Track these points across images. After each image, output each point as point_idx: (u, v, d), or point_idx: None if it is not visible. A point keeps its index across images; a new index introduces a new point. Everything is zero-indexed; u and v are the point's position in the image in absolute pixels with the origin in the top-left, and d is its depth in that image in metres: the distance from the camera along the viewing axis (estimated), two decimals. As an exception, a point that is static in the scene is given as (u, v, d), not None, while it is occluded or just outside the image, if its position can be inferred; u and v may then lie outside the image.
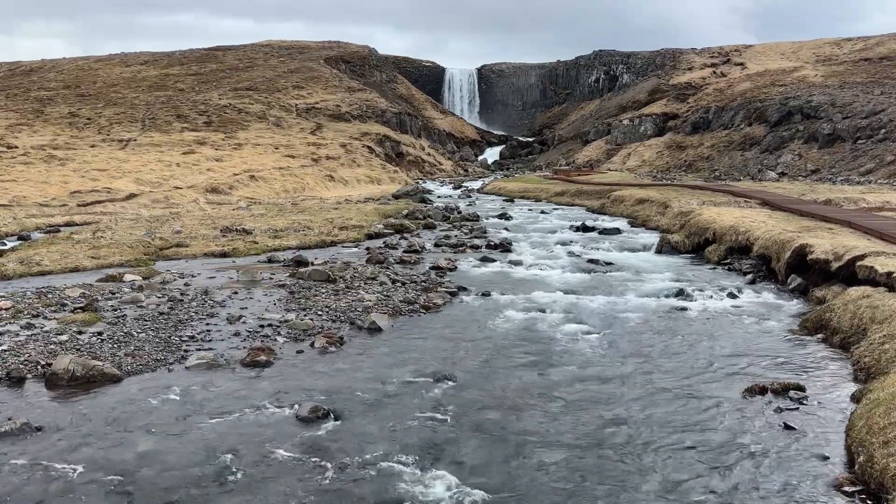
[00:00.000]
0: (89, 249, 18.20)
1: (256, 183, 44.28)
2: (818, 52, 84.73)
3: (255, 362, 9.60)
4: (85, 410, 7.96)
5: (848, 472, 6.58)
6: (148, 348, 10.06)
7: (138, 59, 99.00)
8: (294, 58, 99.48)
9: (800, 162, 53.31)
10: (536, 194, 43.90)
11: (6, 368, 8.97)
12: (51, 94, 75.78)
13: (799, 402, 8.35)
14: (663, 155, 68.63)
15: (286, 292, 13.88)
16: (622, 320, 12.31)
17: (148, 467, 6.64)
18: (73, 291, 13.27)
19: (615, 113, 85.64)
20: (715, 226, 19.76)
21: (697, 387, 8.96)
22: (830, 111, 55.89)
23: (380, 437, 7.34)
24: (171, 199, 35.50)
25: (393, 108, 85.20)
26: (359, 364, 9.76)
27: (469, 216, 30.18)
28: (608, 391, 8.79)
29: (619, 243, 21.93)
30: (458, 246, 21.05)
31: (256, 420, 7.78)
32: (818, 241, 14.80)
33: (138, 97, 75.48)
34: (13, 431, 7.26)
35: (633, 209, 30.12)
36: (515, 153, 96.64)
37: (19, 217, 26.65)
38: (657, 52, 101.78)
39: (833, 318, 11.21)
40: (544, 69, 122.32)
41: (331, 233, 22.96)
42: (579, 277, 16.30)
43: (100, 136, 58.14)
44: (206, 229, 22.87)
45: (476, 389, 8.82)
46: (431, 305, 13.16)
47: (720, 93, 74.97)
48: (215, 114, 70.10)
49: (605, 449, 7.15)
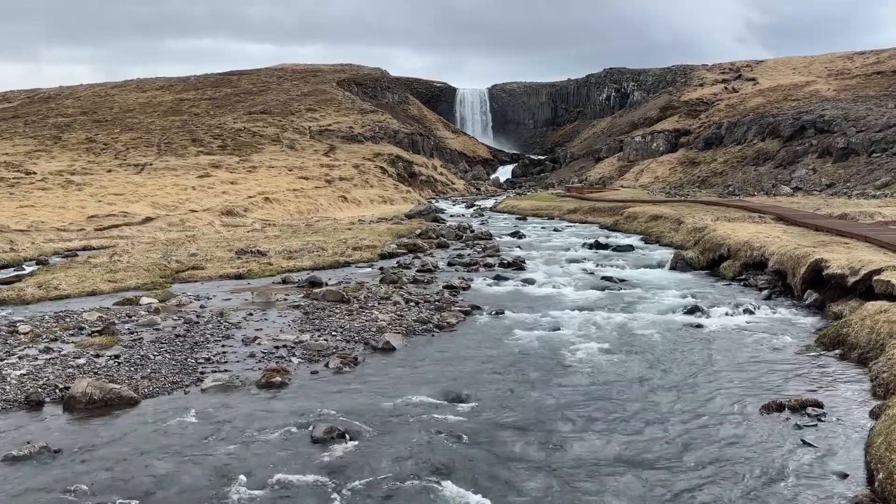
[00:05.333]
0: (106, 273, 18.39)
1: (271, 205, 44.62)
2: (830, 66, 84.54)
3: (270, 383, 9.64)
4: (102, 433, 8.03)
5: (867, 490, 6.49)
6: (164, 371, 10.14)
7: (154, 85, 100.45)
8: (307, 81, 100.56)
9: (814, 176, 53.01)
10: (549, 212, 43.91)
11: (25, 392, 9.07)
12: (68, 121, 76.95)
13: (817, 418, 8.27)
14: (676, 171, 68.51)
15: (301, 313, 13.94)
16: (637, 338, 12.25)
17: (164, 490, 6.67)
18: (91, 315, 13.40)
19: (627, 130, 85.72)
20: (729, 241, 19.67)
21: (714, 404, 8.89)
22: (844, 125, 55.64)
23: (394, 458, 7.34)
24: (186, 222, 35.83)
25: (405, 129, 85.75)
26: (373, 384, 9.78)
27: (482, 235, 30.22)
28: (623, 409, 8.75)
29: (633, 260, 21.87)
30: (472, 265, 21.07)
31: (271, 441, 7.80)
32: (834, 256, 14.70)
33: (154, 122, 76.48)
34: (32, 455, 7.33)
35: (646, 226, 30.04)
36: (527, 171, 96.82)
37: (38, 242, 26.99)
38: (668, 68, 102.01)
39: (850, 333, 11.11)
40: (555, 88, 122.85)
41: (344, 253, 23.07)
42: (593, 295, 16.26)
43: (116, 161, 58.88)
44: (221, 251, 23.06)
45: (491, 409, 8.80)
46: (445, 325, 13.17)
47: (732, 108, 74.91)
48: (230, 137, 70.86)
49: (621, 467, 7.11)
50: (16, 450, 7.39)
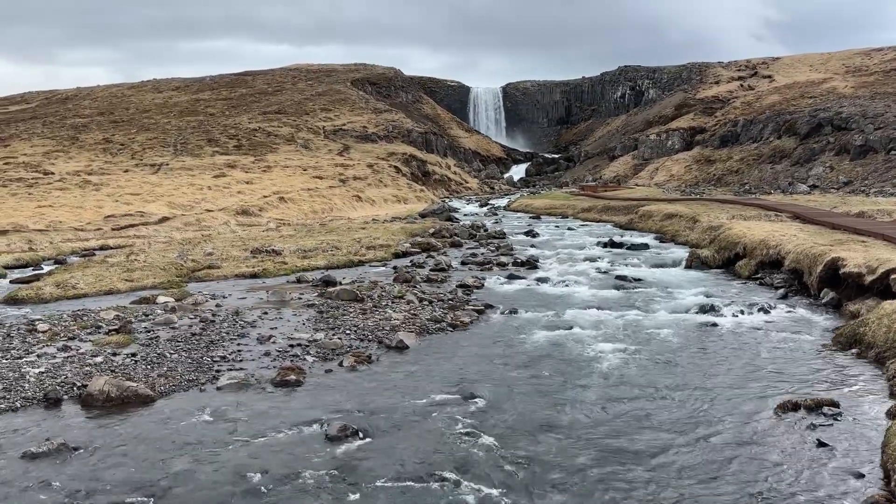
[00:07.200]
0: (123, 272, 18.57)
1: (285, 204, 44.85)
2: (848, 62, 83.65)
3: (284, 382, 9.71)
4: (119, 431, 8.12)
5: (883, 490, 6.44)
6: (180, 369, 10.23)
7: (170, 86, 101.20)
8: (321, 81, 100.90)
9: (831, 174, 52.51)
10: (563, 211, 43.81)
11: (44, 390, 9.20)
12: (85, 121, 77.67)
13: (833, 418, 8.21)
14: (691, 169, 68.10)
15: (315, 312, 14.02)
16: (652, 337, 12.22)
17: (180, 487, 6.74)
18: (108, 314, 13.55)
19: (642, 128, 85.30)
20: (745, 240, 19.54)
21: (729, 403, 8.85)
22: (862, 122, 55.06)
23: (408, 456, 7.37)
24: (202, 222, 36.09)
25: (419, 128, 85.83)
26: (387, 383, 9.82)
27: (495, 234, 30.21)
28: (638, 408, 8.73)
29: (648, 259, 21.78)
30: (485, 264, 21.07)
31: (286, 439, 7.86)
32: (851, 255, 14.57)
33: (170, 122, 77.03)
34: (51, 451, 7.43)
35: (661, 224, 29.90)
36: (541, 170, 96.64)
37: (56, 241, 27.30)
38: (683, 66, 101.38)
39: (867, 332, 11.01)
40: (569, 86, 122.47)
41: (358, 252, 23.15)
42: (607, 294, 16.22)
43: (133, 161, 59.37)
44: (236, 251, 23.21)
45: (504, 408, 8.81)
46: (459, 323, 13.19)
47: (748, 106, 74.34)
48: (245, 137, 71.25)
49: (635, 466, 7.10)
50: (35, 446, 7.50)
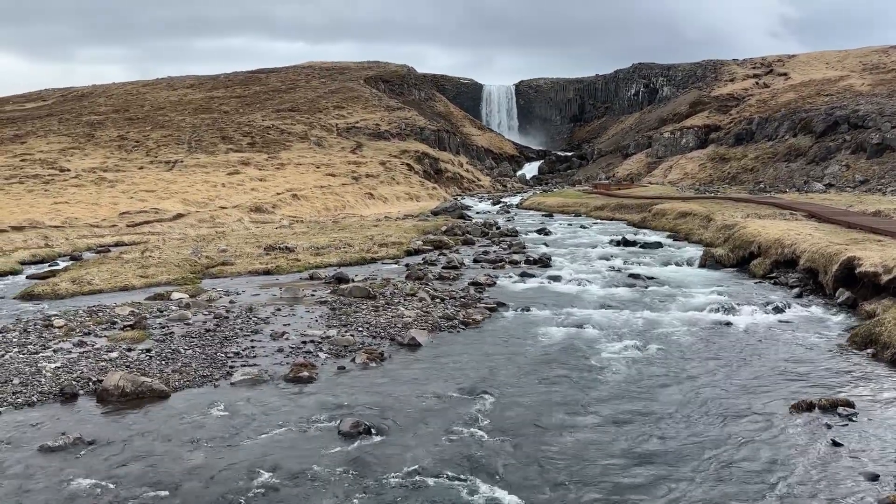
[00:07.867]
0: (138, 269, 18.71)
1: (298, 202, 45.00)
2: (864, 60, 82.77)
3: (297, 378, 9.76)
4: (134, 425, 8.19)
5: (899, 491, 6.39)
6: (194, 365, 10.31)
7: (184, 83, 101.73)
8: (335, 78, 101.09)
9: (847, 173, 52.03)
10: (576, 209, 43.65)
11: (60, 384, 9.29)
12: (101, 119, 78.25)
13: (848, 418, 8.15)
14: (706, 167, 67.66)
15: (328, 309, 14.07)
16: (665, 335, 12.17)
17: (194, 481, 6.80)
18: (123, 310, 13.66)
19: (655, 126, 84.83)
20: (760, 239, 19.41)
21: (743, 403, 8.81)
22: (879, 120, 54.51)
23: (420, 453, 7.39)
24: (216, 219, 36.29)
25: (431, 126, 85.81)
26: (399, 380, 9.85)
27: (508, 231, 30.16)
28: (651, 407, 8.70)
29: (661, 257, 21.68)
30: (497, 261, 21.05)
31: (299, 435, 7.90)
32: (867, 254, 14.44)
33: (184, 120, 77.46)
34: (67, 445, 7.52)
35: (675, 223, 29.74)
36: (554, 168, 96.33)
37: (71, 238, 27.54)
38: (698, 63, 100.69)
39: (883, 332, 10.92)
40: (582, 83, 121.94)
41: (371, 250, 23.20)
42: (620, 292, 16.17)
43: (148, 158, 59.76)
44: (250, 248, 23.33)
45: (515, 405, 8.81)
46: (471, 321, 13.20)
47: (763, 104, 73.74)
48: (259, 135, 71.52)
49: (647, 465, 7.08)
50: (51, 440, 7.59)
